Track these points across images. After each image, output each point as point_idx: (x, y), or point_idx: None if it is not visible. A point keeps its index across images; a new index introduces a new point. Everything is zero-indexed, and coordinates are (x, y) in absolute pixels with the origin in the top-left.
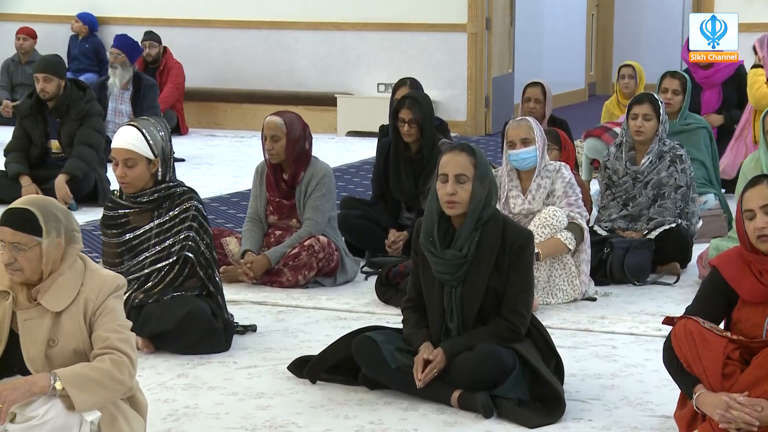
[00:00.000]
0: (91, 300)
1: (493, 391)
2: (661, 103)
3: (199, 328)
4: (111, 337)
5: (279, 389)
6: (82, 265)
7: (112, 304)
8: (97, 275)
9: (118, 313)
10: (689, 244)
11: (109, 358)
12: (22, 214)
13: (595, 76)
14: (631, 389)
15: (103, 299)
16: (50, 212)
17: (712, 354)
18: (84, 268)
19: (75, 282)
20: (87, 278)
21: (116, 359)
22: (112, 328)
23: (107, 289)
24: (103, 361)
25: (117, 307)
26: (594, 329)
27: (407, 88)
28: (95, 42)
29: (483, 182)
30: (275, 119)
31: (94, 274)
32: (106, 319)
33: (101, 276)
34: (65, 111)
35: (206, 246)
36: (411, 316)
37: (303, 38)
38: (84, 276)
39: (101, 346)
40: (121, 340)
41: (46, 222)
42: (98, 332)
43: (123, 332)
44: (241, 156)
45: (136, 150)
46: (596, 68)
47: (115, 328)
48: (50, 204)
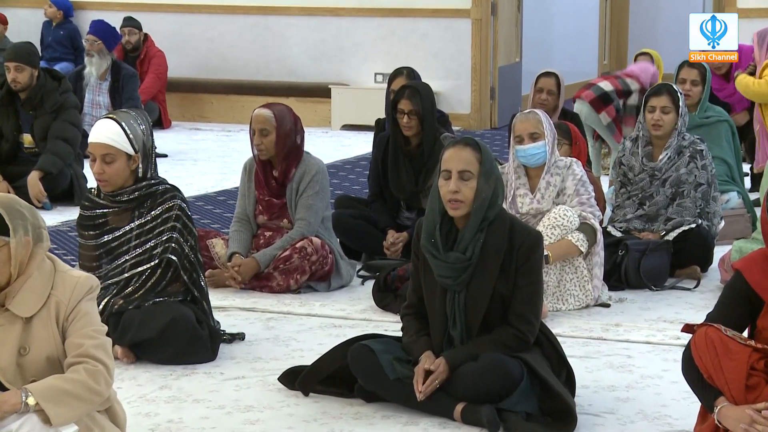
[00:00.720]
0: (63, 303)
1: (499, 404)
2: (680, 94)
3: (183, 337)
4: (85, 344)
5: (269, 402)
6: (51, 266)
7: (85, 307)
8: (68, 276)
9: (92, 317)
10: (710, 246)
11: (83, 367)
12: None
13: (609, 65)
14: (647, 402)
15: (75, 302)
16: (15, 209)
17: (735, 364)
18: (53, 268)
19: (45, 284)
20: (57, 280)
21: (91, 368)
22: (86, 333)
23: (79, 292)
24: (77, 371)
25: (91, 311)
26: (608, 337)
27: (404, 78)
28: (70, 28)
29: (488, 180)
30: (264, 112)
31: (64, 275)
32: (79, 324)
33: (72, 277)
34: (39, 103)
35: (190, 248)
36: (411, 323)
37: (295, 24)
38: (54, 277)
39: (75, 354)
40: (95, 347)
41: (12, 220)
42: (71, 339)
43: (98, 338)
44: (227, 151)
45: (114, 145)
46: (610, 57)
47: (90, 333)
48: (13, 201)
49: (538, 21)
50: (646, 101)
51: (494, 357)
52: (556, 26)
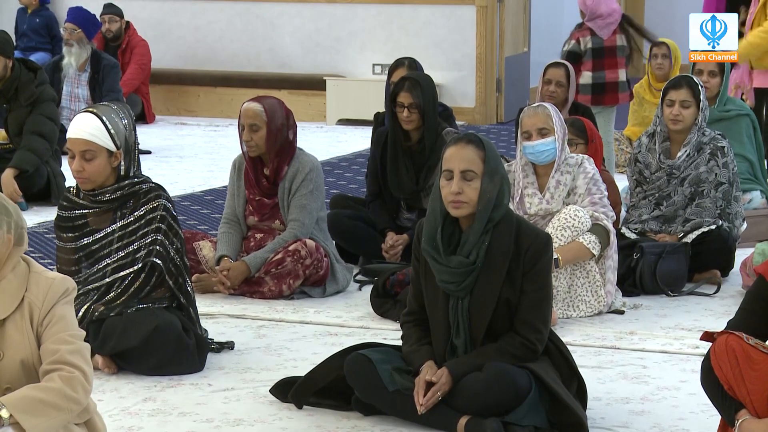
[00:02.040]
0: (37, 306)
1: (505, 417)
2: (701, 87)
3: (169, 346)
4: (61, 350)
5: (260, 415)
6: (26, 267)
7: (61, 311)
8: (43, 278)
9: (68, 321)
10: (731, 248)
11: (58, 375)
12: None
13: None
14: (664, 415)
15: (50, 305)
16: (1, 204)
17: (758, 375)
18: (28, 270)
19: (19, 286)
20: (31, 281)
21: (66, 375)
22: (61, 338)
23: (54, 294)
24: (52, 379)
25: (67, 314)
26: (621, 346)
27: (405, 69)
28: (47, 16)
29: (493, 179)
30: (254, 106)
31: (39, 276)
32: (55, 329)
33: (47, 279)
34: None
35: (176, 251)
36: (411, 331)
37: (287, 12)
38: (28, 279)
39: (50, 361)
40: (71, 353)
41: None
42: (46, 344)
43: (74, 342)
44: (215, 148)
45: (95, 141)
46: None
47: (65, 338)
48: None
49: (548, 8)
50: (664, 94)
51: (500, 367)
52: (566, 14)
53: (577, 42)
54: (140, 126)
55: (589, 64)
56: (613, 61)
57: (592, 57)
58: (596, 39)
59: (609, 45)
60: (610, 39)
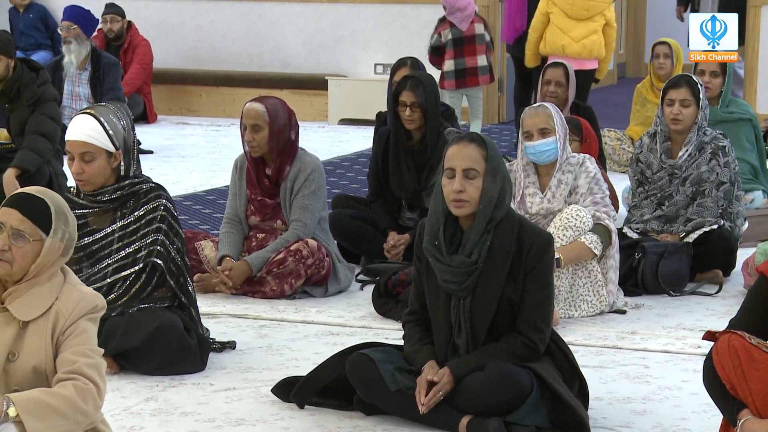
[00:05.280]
0: (63, 315)
1: (507, 417)
2: (701, 86)
3: (170, 345)
4: (79, 361)
5: (262, 415)
6: (62, 278)
7: (85, 325)
8: (76, 290)
9: (90, 335)
10: (733, 248)
11: (73, 384)
12: (36, 202)
13: (625, 55)
14: (665, 415)
15: (76, 318)
16: (63, 212)
17: (760, 374)
18: (63, 280)
19: (51, 294)
20: (64, 291)
21: (81, 386)
22: (81, 351)
23: (83, 308)
24: (65, 387)
25: (90, 330)
26: (623, 346)
27: (407, 69)
28: (39, 9)
29: (495, 178)
30: (256, 106)
31: (72, 288)
32: (75, 341)
33: (80, 292)
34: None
35: (177, 251)
36: (413, 331)
37: (289, 12)
38: (61, 289)
39: (66, 370)
40: (89, 366)
41: (57, 220)
42: (65, 354)
43: (93, 357)
44: (217, 147)
45: (93, 142)
46: (626, 46)
47: (85, 351)
48: (65, 204)
49: None
50: (664, 94)
51: (502, 367)
52: None
53: (438, 36)
54: (142, 126)
55: (451, 53)
56: (472, 48)
57: (453, 47)
58: (455, 30)
59: (468, 35)
60: (469, 29)
